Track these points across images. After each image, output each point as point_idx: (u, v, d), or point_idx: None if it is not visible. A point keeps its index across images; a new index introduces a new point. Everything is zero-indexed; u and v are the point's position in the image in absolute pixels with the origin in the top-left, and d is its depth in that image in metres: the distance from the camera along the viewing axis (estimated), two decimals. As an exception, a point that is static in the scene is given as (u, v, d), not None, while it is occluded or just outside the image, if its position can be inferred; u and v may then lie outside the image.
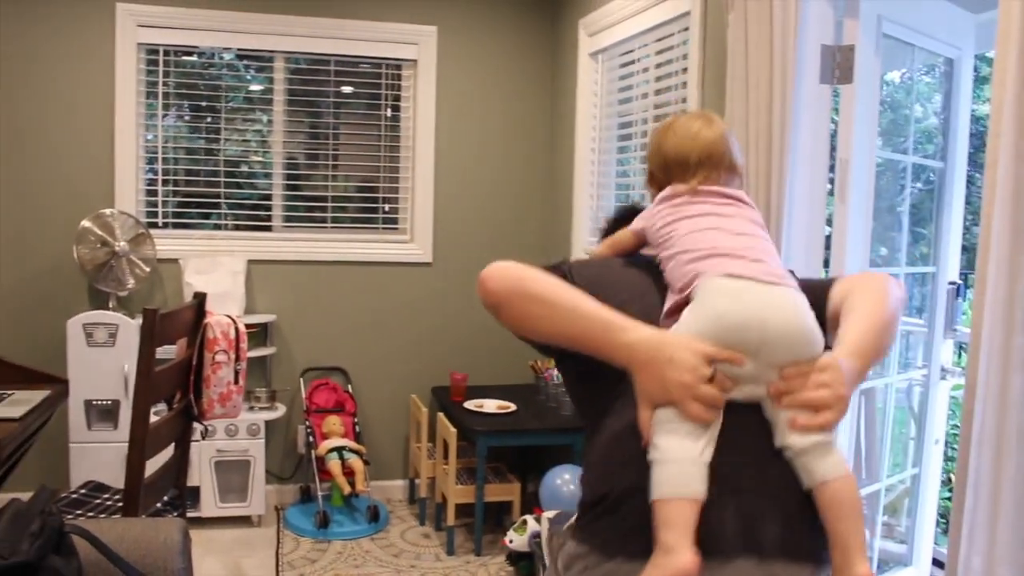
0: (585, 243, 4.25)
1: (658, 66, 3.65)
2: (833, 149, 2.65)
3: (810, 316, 1.46)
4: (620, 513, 1.44)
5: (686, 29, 3.28)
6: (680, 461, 1.37)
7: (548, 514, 3.47)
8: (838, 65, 2.56)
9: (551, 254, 4.45)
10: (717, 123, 1.70)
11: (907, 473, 3.21)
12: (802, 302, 1.48)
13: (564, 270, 1.63)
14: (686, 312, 1.48)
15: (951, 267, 3.08)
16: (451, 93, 4.73)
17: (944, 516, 3.55)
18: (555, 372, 4.25)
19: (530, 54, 4.81)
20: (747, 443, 1.43)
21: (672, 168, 1.68)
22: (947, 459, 3.41)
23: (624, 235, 1.73)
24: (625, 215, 1.85)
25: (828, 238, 2.68)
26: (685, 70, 3.30)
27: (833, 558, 1.40)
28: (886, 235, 3.18)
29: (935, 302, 3.07)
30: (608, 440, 1.51)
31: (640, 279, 1.64)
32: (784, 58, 2.48)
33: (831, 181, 2.67)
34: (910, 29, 2.73)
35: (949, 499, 3.81)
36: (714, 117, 1.72)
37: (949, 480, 3.76)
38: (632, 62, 3.93)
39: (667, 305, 1.53)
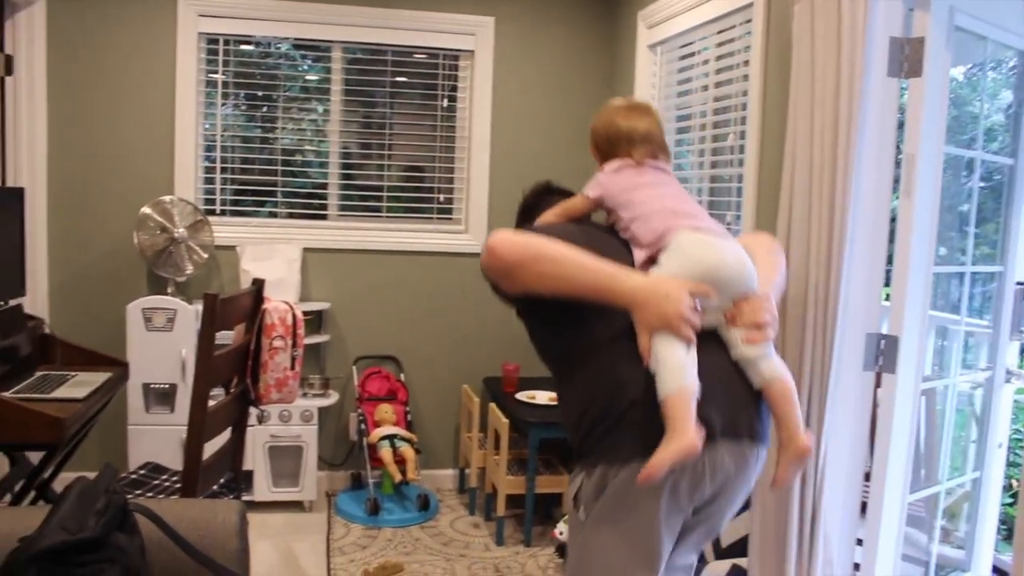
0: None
1: (719, 58, 3.60)
2: (898, 144, 2.59)
3: (751, 261, 1.91)
4: (623, 426, 1.79)
5: (748, 21, 3.23)
6: (677, 359, 1.75)
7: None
8: (907, 58, 2.50)
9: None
10: (653, 112, 2.17)
11: (967, 477, 3.13)
12: (744, 251, 1.92)
13: (533, 232, 1.93)
14: (663, 258, 1.88)
15: (1019, 266, 2.99)
16: (508, 84, 4.72)
17: (1004, 522, 3.48)
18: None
19: (588, 46, 4.78)
20: (714, 359, 1.84)
21: (619, 141, 2.10)
22: (1009, 464, 3.33)
23: (576, 201, 2.13)
24: (542, 192, 2.35)
25: (891, 233, 2.62)
26: (746, 62, 3.26)
27: (780, 435, 1.86)
28: (945, 234, 3.11)
29: (1001, 302, 2.99)
30: (605, 366, 1.84)
31: (601, 239, 1.98)
32: (852, 50, 2.42)
33: (896, 177, 2.61)
34: (983, 21, 2.65)
35: (1010, 505, 3.74)
36: (651, 107, 2.19)
37: (1010, 486, 3.67)
38: (692, 54, 3.89)
39: (643, 256, 1.92)
